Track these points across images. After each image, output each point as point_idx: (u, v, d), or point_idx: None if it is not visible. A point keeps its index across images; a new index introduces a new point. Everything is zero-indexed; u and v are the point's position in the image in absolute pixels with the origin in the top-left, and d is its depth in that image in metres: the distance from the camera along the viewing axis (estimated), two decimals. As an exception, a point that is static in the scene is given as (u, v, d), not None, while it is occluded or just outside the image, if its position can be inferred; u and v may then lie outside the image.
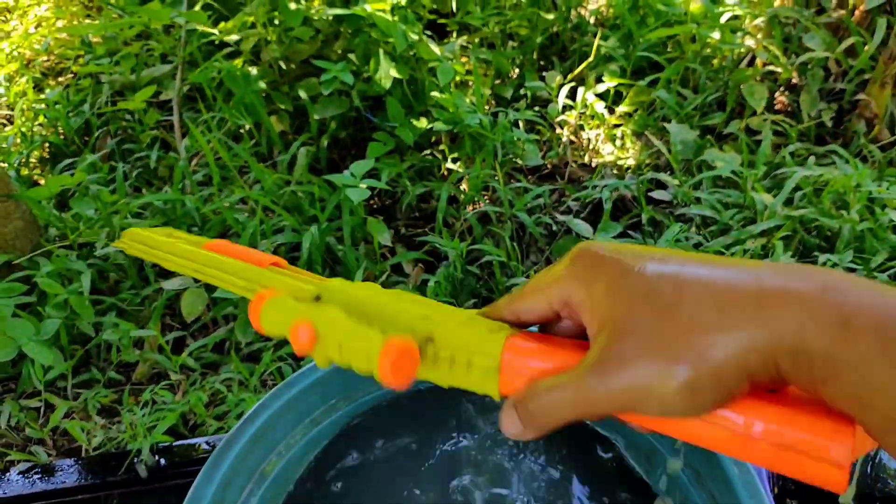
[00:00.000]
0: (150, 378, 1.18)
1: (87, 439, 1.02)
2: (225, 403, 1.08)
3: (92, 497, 0.97)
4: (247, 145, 1.47)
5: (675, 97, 1.65)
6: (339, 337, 0.33)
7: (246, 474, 0.82)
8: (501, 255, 1.30)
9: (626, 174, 1.58)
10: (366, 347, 0.31)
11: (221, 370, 1.15)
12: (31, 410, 1.11)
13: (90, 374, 1.14)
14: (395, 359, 0.30)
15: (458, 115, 1.44)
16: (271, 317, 0.35)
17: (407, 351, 0.31)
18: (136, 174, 1.52)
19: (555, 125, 1.67)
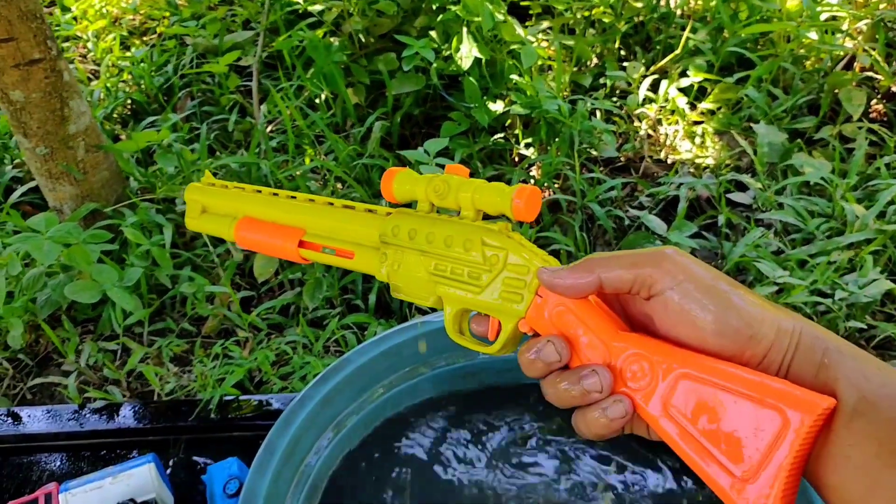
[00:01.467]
0: (218, 333, 1.26)
1: (160, 384, 1.11)
2: (289, 364, 1.15)
3: (162, 439, 1.05)
4: (323, 115, 1.54)
5: (765, 97, 1.64)
6: (472, 187, 0.41)
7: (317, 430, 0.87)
8: (570, 244, 1.33)
9: (704, 173, 1.58)
10: (498, 191, 0.39)
11: (286, 332, 1.22)
12: (108, 352, 1.20)
13: (165, 323, 1.23)
14: (528, 195, 0.39)
15: (536, 99, 1.47)
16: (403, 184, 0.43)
17: (535, 191, 0.39)
18: (213, 136, 1.60)
19: (633, 117, 1.68)
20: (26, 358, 1.23)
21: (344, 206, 0.47)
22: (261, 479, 0.80)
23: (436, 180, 0.42)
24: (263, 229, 0.49)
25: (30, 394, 1.19)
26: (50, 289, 1.19)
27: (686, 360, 0.34)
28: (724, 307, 0.33)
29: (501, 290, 0.40)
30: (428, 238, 0.42)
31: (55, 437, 1.07)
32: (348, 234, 0.46)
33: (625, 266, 0.35)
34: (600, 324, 0.37)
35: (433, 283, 0.42)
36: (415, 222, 0.43)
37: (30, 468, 1.05)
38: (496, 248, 0.40)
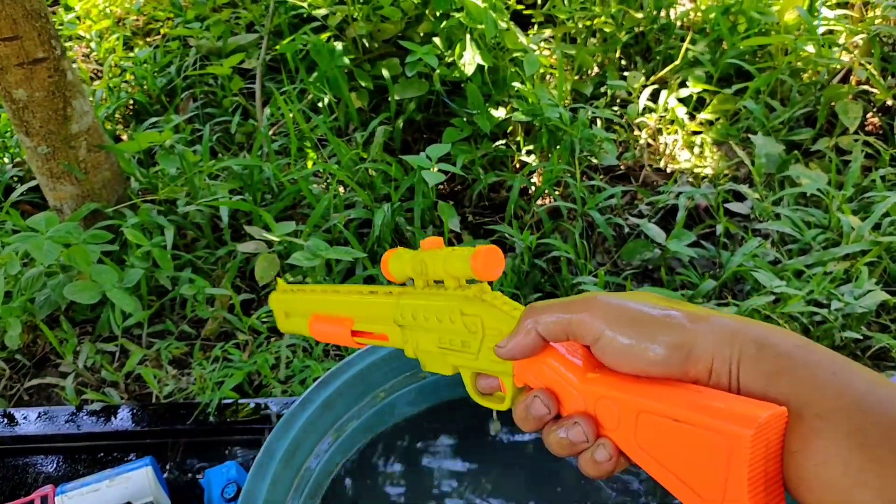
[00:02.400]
0: (218, 336, 1.24)
1: (158, 387, 1.08)
2: (289, 368, 1.13)
3: (159, 442, 1.03)
4: (326, 118, 1.52)
5: (763, 108, 1.63)
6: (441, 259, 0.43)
7: (317, 434, 0.85)
8: (570, 251, 1.32)
9: (702, 183, 1.57)
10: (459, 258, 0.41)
11: (286, 336, 1.20)
12: (106, 354, 1.18)
13: (164, 325, 1.20)
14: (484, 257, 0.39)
15: (538, 107, 1.45)
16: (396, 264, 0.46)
17: (491, 251, 0.40)
18: (215, 138, 1.58)
19: (633, 126, 1.66)
20: (24, 358, 1.20)
21: (371, 292, 0.50)
22: (260, 482, 0.78)
23: (415, 260, 0.44)
24: (327, 322, 0.54)
25: (27, 395, 1.16)
26: (49, 289, 1.16)
27: (641, 395, 0.34)
28: (653, 335, 0.33)
29: (489, 353, 0.41)
30: (425, 316, 0.44)
31: (52, 438, 1.05)
32: (378, 318, 0.49)
33: (557, 314, 0.36)
34: (569, 371, 0.37)
35: (443, 354, 0.44)
36: (415, 302, 0.45)
37: (26, 470, 1.03)
38: (473, 316, 0.41)
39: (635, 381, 0.34)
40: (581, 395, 0.36)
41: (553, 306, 0.36)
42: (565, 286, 1.31)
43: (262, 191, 1.40)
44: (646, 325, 0.33)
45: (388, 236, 1.32)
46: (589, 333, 0.35)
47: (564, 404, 0.37)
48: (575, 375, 0.36)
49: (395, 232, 1.38)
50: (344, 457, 0.85)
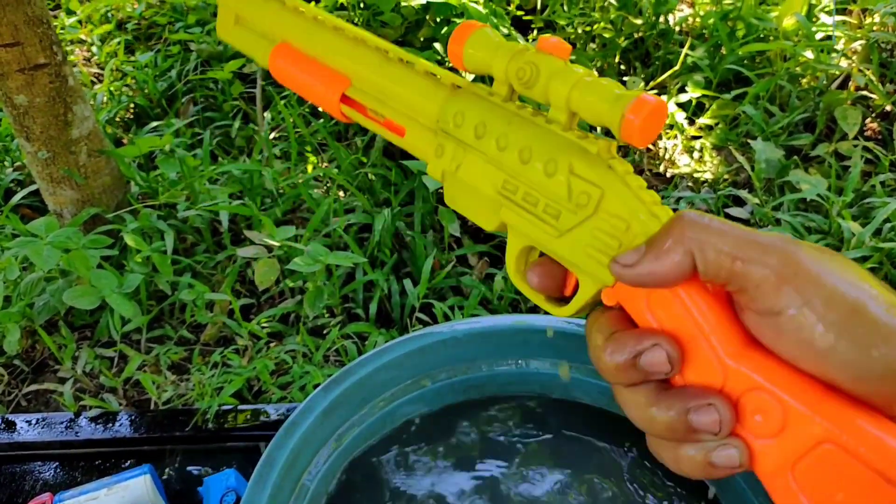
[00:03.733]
0: (217, 341, 1.22)
1: (157, 393, 1.06)
2: (289, 374, 1.11)
3: (158, 449, 1.01)
4: (326, 123, 1.50)
5: (762, 114, 1.61)
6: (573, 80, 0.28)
7: (318, 442, 0.84)
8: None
9: (702, 188, 1.56)
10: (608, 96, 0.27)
11: (286, 341, 1.19)
12: (105, 359, 1.16)
13: (163, 330, 1.19)
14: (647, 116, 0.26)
15: (538, 112, 1.44)
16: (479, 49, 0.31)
17: (660, 106, 0.26)
18: (215, 142, 1.56)
19: (633, 131, 1.65)
20: (22, 364, 1.18)
21: (400, 59, 0.35)
22: (260, 492, 0.76)
23: (522, 58, 0.29)
24: (303, 64, 0.38)
25: (25, 400, 1.14)
26: (48, 294, 1.15)
27: (838, 419, 0.23)
28: (871, 343, 0.23)
29: (586, 241, 0.28)
30: (499, 142, 0.30)
31: (49, 445, 1.03)
32: (401, 101, 0.34)
33: (733, 249, 0.25)
34: (722, 328, 0.25)
35: (498, 203, 0.31)
36: (486, 113, 0.31)
37: (23, 477, 1.01)
38: (588, 184, 0.28)
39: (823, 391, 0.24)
40: (722, 367, 0.25)
41: (728, 236, 0.25)
42: (566, 291, 1.29)
43: (262, 195, 1.38)
44: (864, 326, 0.23)
45: (389, 241, 1.30)
46: (770, 300, 0.24)
47: (692, 369, 0.26)
48: (724, 343, 0.25)
49: (396, 236, 1.36)
50: (345, 465, 0.84)
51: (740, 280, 0.25)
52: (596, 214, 0.28)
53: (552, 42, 0.29)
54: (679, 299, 0.26)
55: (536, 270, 0.32)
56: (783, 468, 0.24)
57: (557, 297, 0.32)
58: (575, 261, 0.29)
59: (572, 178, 0.28)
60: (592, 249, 0.28)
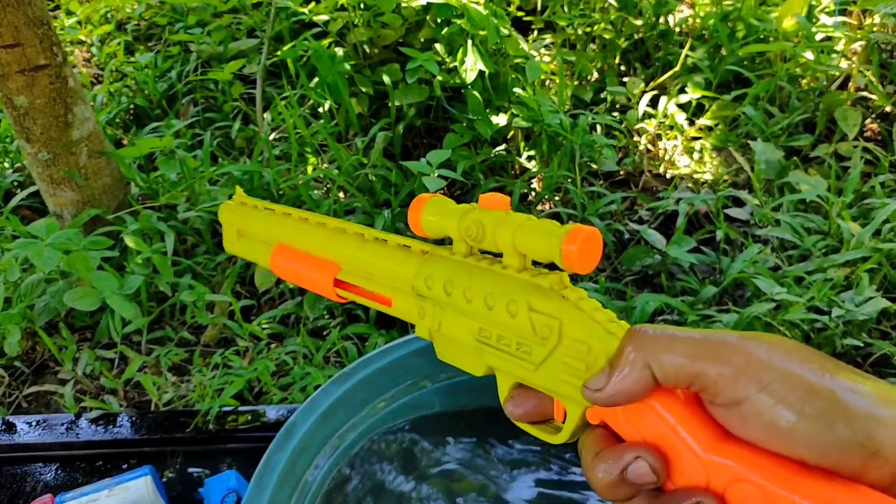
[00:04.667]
0: (217, 342, 1.22)
1: (158, 394, 1.06)
2: (289, 375, 1.11)
3: (159, 451, 1.01)
4: (326, 124, 1.50)
5: (762, 114, 1.61)
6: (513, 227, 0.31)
7: (317, 444, 0.84)
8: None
9: (702, 189, 1.56)
10: (545, 233, 0.30)
11: (287, 342, 1.19)
12: (105, 361, 1.16)
13: (164, 331, 1.19)
14: (582, 244, 0.28)
15: (539, 113, 1.44)
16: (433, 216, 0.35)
17: (593, 235, 0.29)
18: (216, 143, 1.56)
19: (632, 132, 1.65)
20: (23, 365, 1.18)
21: (375, 238, 0.39)
22: (260, 494, 0.76)
23: (468, 219, 0.33)
24: (299, 260, 0.42)
25: (25, 402, 1.14)
26: (48, 295, 1.15)
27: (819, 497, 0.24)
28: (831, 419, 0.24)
29: (559, 369, 0.30)
30: (466, 294, 0.33)
31: (50, 447, 1.03)
32: (382, 274, 0.38)
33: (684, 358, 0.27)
34: (694, 427, 0.27)
35: (479, 350, 0.33)
36: (451, 271, 0.34)
37: (24, 479, 1.01)
38: (547, 317, 0.30)
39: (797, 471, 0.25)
40: (705, 469, 0.26)
41: (678, 342, 0.27)
42: (566, 292, 1.29)
43: (262, 196, 1.38)
44: (821, 402, 0.24)
45: (389, 242, 1.30)
46: (729, 392, 0.25)
47: (677, 472, 0.27)
48: (700, 440, 0.26)
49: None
50: (345, 467, 0.84)
51: (699, 380, 0.26)
52: (561, 343, 0.30)
53: (493, 198, 0.33)
54: (651, 408, 0.28)
55: (515, 402, 0.34)
56: None
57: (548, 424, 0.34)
58: (555, 389, 0.31)
59: (533, 314, 0.31)
60: (566, 375, 0.30)
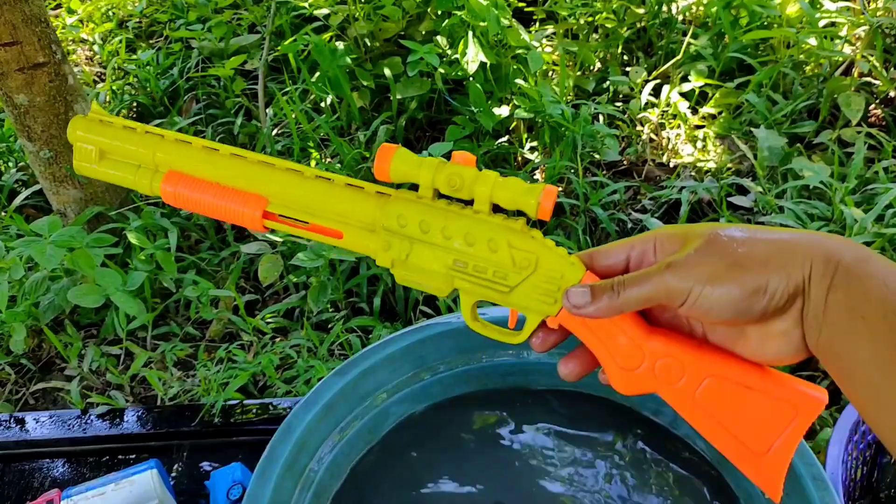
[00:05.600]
0: (222, 337, 1.22)
1: (163, 389, 1.06)
2: (294, 368, 1.11)
3: (165, 445, 1.01)
4: (328, 118, 1.50)
5: (765, 102, 1.60)
6: (491, 182, 0.38)
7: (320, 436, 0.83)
8: (573, 247, 1.29)
9: (705, 177, 1.54)
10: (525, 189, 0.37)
11: (291, 336, 1.18)
12: (111, 357, 1.16)
13: (169, 327, 1.19)
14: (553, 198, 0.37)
15: (541, 104, 1.43)
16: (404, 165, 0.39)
17: (555, 192, 0.37)
18: (218, 139, 1.56)
19: (635, 122, 1.64)
20: (29, 363, 1.19)
21: (317, 176, 0.40)
22: (263, 486, 0.76)
23: (447, 171, 0.38)
24: (209, 190, 0.41)
25: (32, 399, 1.15)
26: (53, 293, 1.15)
27: (714, 362, 0.37)
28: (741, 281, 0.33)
29: (532, 292, 0.39)
30: (444, 233, 0.39)
31: (57, 443, 1.03)
32: (331, 210, 0.40)
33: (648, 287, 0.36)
34: (633, 326, 0.38)
35: (450, 276, 0.40)
36: (423, 213, 0.39)
37: (32, 475, 1.01)
38: (525, 252, 0.38)
39: (701, 347, 0.37)
40: (640, 351, 0.38)
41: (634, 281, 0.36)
42: (569, 283, 1.29)
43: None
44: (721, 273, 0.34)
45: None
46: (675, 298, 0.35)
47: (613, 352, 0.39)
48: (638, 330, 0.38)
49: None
50: (347, 459, 0.83)
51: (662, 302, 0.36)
52: (536, 272, 0.38)
53: (464, 156, 0.39)
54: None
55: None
56: (690, 400, 0.37)
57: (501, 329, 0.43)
58: (524, 304, 0.39)
59: (512, 250, 0.38)
60: (537, 294, 0.39)
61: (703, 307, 0.34)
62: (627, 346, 0.38)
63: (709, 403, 0.37)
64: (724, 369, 0.36)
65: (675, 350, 0.37)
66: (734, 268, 0.33)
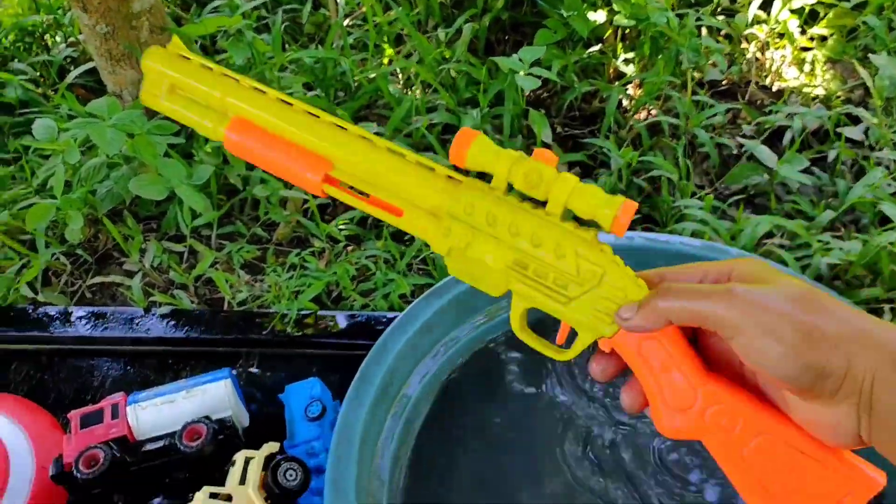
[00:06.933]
0: (289, 241, 1.10)
1: (231, 293, 0.95)
2: (370, 281, 0.99)
3: (233, 351, 0.91)
4: (406, 11, 1.32)
5: (885, 26, 1.39)
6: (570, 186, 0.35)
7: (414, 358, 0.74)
8: (673, 171, 1.14)
9: (813, 104, 1.36)
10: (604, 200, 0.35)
11: (364, 245, 1.06)
12: (173, 254, 1.05)
13: (234, 227, 1.07)
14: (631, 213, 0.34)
15: (644, 10, 1.24)
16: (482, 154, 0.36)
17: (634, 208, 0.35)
18: (283, 27, 1.39)
19: (740, 38, 1.44)
20: (85, 254, 1.08)
21: (389, 149, 0.38)
22: (357, 409, 0.67)
23: (526, 165, 0.36)
24: (274, 144, 0.38)
25: (89, 292, 1.04)
26: (112, 181, 1.02)
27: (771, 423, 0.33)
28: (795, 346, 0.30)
29: (590, 305, 0.36)
30: (511, 229, 0.37)
31: (119, 341, 0.93)
32: (397, 186, 0.38)
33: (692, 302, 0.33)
34: (691, 365, 0.35)
35: (507, 275, 0.37)
36: (493, 205, 0.37)
37: (90, 373, 0.92)
38: (592, 264, 0.36)
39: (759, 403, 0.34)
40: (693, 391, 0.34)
41: (687, 292, 0.33)
42: (665, 208, 1.14)
43: (335, 87, 1.22)
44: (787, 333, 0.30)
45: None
46: (726, 329, 0.32)
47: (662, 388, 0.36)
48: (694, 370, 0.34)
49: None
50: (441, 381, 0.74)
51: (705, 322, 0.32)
52: (599, 286, 0.36)
53: (545, 154, 0.36)
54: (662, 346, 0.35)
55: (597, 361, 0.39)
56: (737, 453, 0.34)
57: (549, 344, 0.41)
58: (579, 319, 0.36)
59: (580, 260, 0.36)
60: (595, 311, 0.36)
61: (750, 356, 0.31)
62: (681, 384, 0.34)
63: (757, 462, 0.33)
64: (781, 430, 0.33)
65: (733, 399, 0.34)
66: (800, 333, 0.30)
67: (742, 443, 0.33)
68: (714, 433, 0.34)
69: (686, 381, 0.34)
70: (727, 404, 0.33)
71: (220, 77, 0.39)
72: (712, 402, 0.34)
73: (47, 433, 0.83)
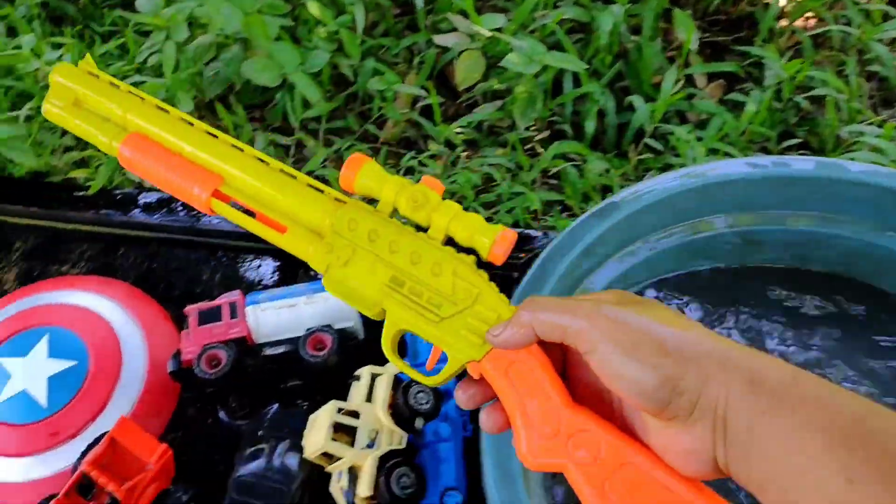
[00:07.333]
0: (398, 141, 1.01)
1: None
2: (492, 192, 0.90)
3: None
4: None
5: None
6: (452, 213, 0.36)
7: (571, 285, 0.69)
8: (844, 90, 0.98)
9: None
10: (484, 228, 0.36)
11: (483, 152, 0.96)
12: (279, 147, 0.98)
13: (344, 121, 0.98)
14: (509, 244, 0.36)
15: None
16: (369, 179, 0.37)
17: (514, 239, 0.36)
18: None
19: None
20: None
21: (281, 170, 0.39)
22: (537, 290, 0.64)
23: (412, 189, 0.37)
24: (163, 159, 0.40)
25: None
26: (221, 63, 0.94)
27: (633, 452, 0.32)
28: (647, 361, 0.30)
29: (462, 327, 0.36)
30: (391, 247, 0.37)
31: (228, 235, 0.88)
32: (284, 205, 0.39)
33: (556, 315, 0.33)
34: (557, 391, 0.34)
35: (383, 293, 0.37)
36: (377, 223, 0.37)
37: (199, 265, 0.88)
38: (469, 284, 0.36)
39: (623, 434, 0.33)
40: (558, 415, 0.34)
41: (553, 306, 0.33)
42: (826, 134, 0.99)
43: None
44: (644, 348, 0.30)
45: (615, 46, 1.01)
46: (585, 343, 0.32)
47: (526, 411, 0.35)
48: (560, 396, 0.34)
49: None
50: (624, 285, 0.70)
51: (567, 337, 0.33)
52: (472, 307, 0.36)
53: (431, 179, 0.38)
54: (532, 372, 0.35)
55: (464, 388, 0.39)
56: (601, 481, 0.33)
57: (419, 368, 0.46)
58: (450, 341, 0.36)
59: (456, 279, 0.37)
60: (466, 332, 0.36)
61: (607, 372, 0.31)
62: (546, 407, 0.34)
63: (619, 492, 0.32)
64: (642, 460, 0.32)
65: (596, 426, 0.33)
66: (657, 347, 0.30)
67: (604, 475, 0.32)
68: (576, 462, 0.33)
69: (551, 405, 0.34)
70: (591, 432, 0.33)
71: (125, 95, 0.40)
72: (575, 427, 0.33)
73: (159, 326, 0.80)
